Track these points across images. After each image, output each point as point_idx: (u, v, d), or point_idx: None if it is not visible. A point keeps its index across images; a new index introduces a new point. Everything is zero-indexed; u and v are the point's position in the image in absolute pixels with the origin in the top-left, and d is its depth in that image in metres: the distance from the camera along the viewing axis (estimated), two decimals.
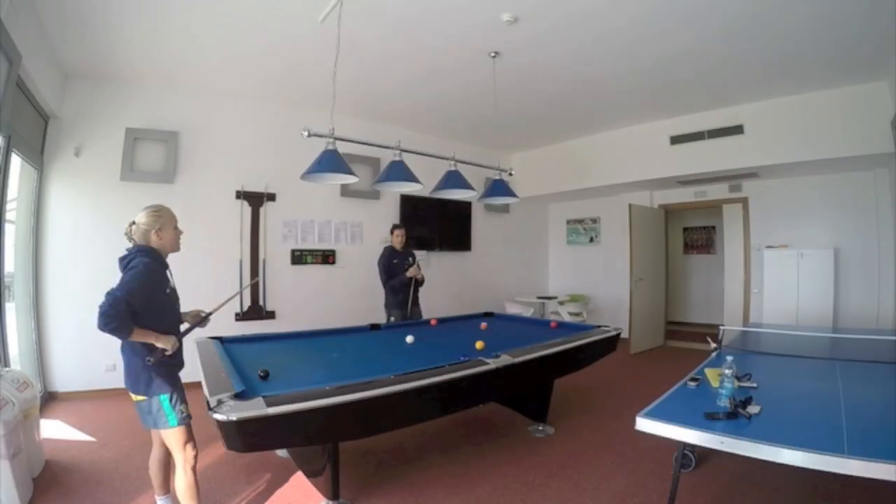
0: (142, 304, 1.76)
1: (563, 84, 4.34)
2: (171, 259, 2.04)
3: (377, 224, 5.55)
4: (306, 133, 2.64)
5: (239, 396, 1.75)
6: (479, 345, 2.74)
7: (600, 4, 2.95)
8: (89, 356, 3.80)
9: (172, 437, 1.90)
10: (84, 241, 3.92)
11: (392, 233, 4.28)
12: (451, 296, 6.08)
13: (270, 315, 4.71)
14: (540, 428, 3.19)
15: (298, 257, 4.96)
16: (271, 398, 1.69)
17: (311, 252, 5.04)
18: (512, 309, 6.23)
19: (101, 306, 1.64)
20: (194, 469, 1.94)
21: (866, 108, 4.08)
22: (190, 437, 1.94)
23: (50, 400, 3.73)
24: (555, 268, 7.83)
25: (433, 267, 6.07)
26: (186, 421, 1.92)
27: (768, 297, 5.40)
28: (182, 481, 1.91)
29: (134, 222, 1.93)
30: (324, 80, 3.29)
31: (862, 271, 4.87)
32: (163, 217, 1.96)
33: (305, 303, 4.92)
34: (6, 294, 3.31)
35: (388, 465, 2.68)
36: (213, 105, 4.50)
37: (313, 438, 1.96)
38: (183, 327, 2.07)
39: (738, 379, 1.98)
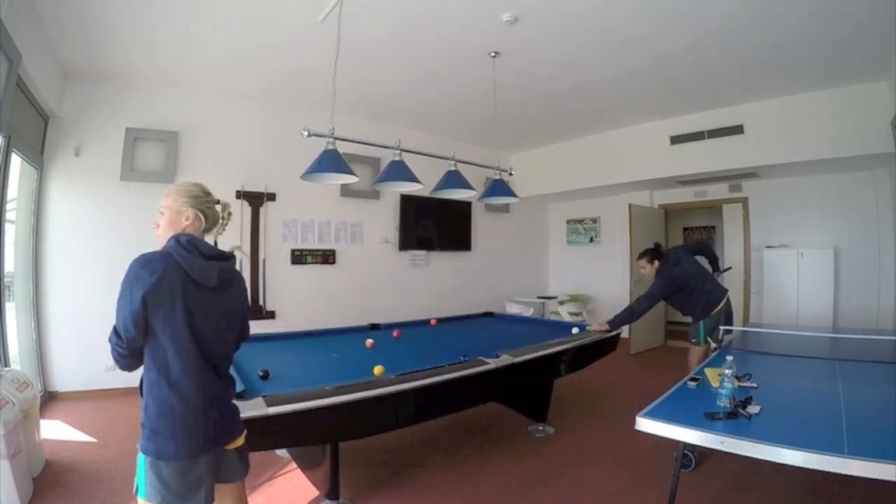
0: None
1: (564, 84, 4.34)
2: None
3: (377, 224, 5.55)
4: (306, 133, 2.64)
5: (239, 396, 1.75)
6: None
7: (600, 3, 2.95)
8: (89, 356, 3.80)
9: None
10: (84, 241, 3.92)
11: None
12: (451, 296, 6.08)
13: (270, 315, 4.70)
14: (540, 428, 3.19)
15: (298, 257, 4.95)
16: (271, 398, 1.69)
17: (311, 252, 5.04)
18: (512, 309, 6.22)
19: None
20: None
21: (866, 108, 4.08)
22: None
23: (50, 400, 3.73)
24: (555, 268, 7.82)
25: (433, 267, 6.08)
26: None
27: (768, 298, 5.40)
28: None
29: None
30: (324, 79, 3.28)
31: (862, 271, 4.86)
32: None
33: (305, 303, 4.92)
34: (6, 294, 3.30)
35: (388, 465, 2.68)
36: (213, 105, 4.50)
37: (313, 438, 1.96)
38: None
39: (738, 379, 1.97)
